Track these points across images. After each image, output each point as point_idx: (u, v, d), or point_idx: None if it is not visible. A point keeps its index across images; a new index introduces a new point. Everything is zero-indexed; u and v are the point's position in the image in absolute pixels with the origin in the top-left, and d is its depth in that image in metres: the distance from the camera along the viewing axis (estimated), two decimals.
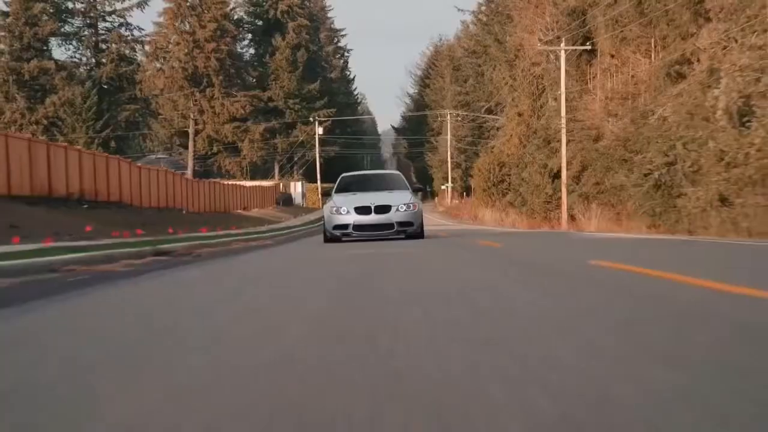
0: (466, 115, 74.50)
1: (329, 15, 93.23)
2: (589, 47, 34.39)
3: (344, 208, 16.27)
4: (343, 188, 17.80)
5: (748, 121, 16.06)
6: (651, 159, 20.36)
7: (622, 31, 32.36)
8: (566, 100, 36.39)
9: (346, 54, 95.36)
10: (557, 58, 37.34)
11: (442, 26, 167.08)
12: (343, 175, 19.18)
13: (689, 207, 17.52)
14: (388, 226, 16.11)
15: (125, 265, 8.80)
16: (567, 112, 35.68)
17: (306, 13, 79.06)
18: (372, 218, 16.11)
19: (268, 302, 4.83)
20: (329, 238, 16.51)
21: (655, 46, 30.74)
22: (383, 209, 16.18)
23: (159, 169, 35.45)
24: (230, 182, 57.55)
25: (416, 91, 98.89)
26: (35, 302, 5.11)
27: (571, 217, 30.78)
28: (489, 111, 68.25)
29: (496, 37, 58.27)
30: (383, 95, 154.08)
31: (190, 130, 74.76)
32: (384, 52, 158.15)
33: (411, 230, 16.35)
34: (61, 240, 11.83)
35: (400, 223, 16.22)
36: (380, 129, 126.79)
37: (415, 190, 18.03)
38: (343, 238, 16.44)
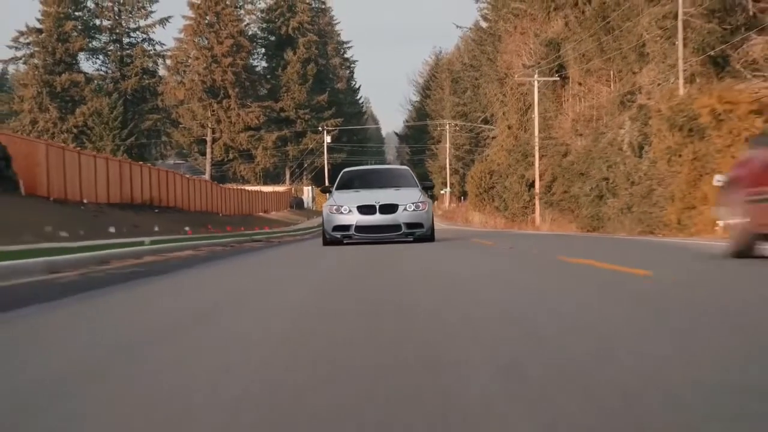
0: (464, 124, 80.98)
1: (336, 28, 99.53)
2: (557, 78, 40.95)
3: (346, 207, 14.91)
4: (345, 185, 16.37)
5: (645, 152, 22.51)
6: (593, 175, 26.84)
7: (587, 64, 38.88)
8: (544, 119, 42.76)
9: (351, 65, 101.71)
10: (538, 82, 43.84)
11: (447, 28, 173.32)
12: (345, 170, 17.89)
13: (609, 213, 23.93)
14: (394, 227, 14.84)
15: (238, 246, 15.69)
16: (544, 130, 42.10)
17: (315, 30, 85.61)
18: (377, 218, 14.82)
19: (358, 255, 11.18)
20: (329, 241, 15.10)
21: (613, 78, 37.26)
22: (389, 209, 14.88)
23: (200, 179, 42.31)
24: (252, 188, 64.16)
25: (418, 99, 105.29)
26: (218, 260, 11.44)
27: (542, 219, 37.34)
28: (485, 121, 74.63)
29: (488, 57, 64.78)
30: (387, 96, 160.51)
31: (208, 138, 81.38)
32: (388, 54, 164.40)
33: (420, 233, 15.08)
34: (170, 234, 18.42)
35: (408, 225, 14.92)
36: (384, 132, 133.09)
37: (424, 188, 16.48)
38: (345, 241, 15.16)
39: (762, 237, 7.85)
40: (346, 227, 14.93)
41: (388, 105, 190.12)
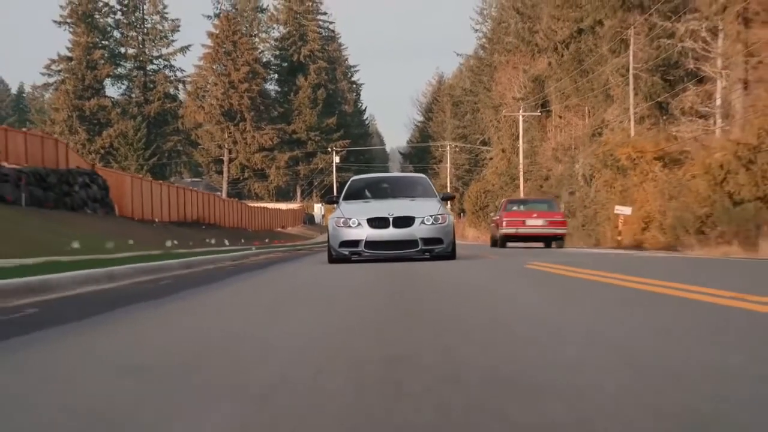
0: (464, 146, 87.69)
1: (344, 53, 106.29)
2: (539, 114, 47.66)
3: (354, 220, 13.53)
4: (354, 194, 15.01)
5: (593, 182, 29.22)
6: (562, 198, 33.46)
7: (566, 101, 45.55)
8: (531, 146, 49.35)
9: (358, 88, 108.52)
10: (526, 111, 50.57)
11: (451, 44, 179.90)
12: (354, 177, 16.41)
13: (569, 230, 30.53)
14: (410, 243, 13.38)
15: (294, 252, 22.24)
16: (530, 156, 48.72)
17: (325, 56, 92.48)
18: (390, 233, 13.36)
19: None
20: (335, 258, 13.70)
21: (587, 114, 43.92)
22: (404, 222, 13.42)
23: (232, 200, 49.09)
24: (271, 206, 70.97)
25: (421, 120, 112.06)
26: (278, 264, 17.72)
27: None
28: (483, 143, 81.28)
29: (484, 86, 71.56)
30: (391, 113, 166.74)
31: (225, 158, 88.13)
32: (393, 71, 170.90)
33: (440, 249, 13.50)
34: (222, 245, 25.04)
35: (426, 240, 13.43)
36: (388, 148, 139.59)
37: (444, 199, 14.91)
38: (353, 258, 13.74)
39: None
40: (355, 243, 13.42)
41: (393, 121, 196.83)
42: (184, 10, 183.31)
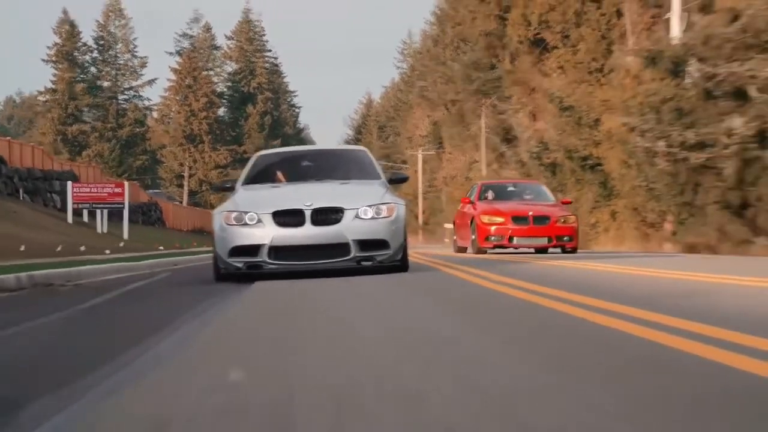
0: (387, 164, 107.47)
1: (285, 80, 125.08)
2: (433, 152, 67.49)
3: (252, 215, 8.93)
4: (258, 177, 10.27)
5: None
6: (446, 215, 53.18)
7: (452, 142, 65.43)
8: (432, 171, 69.00)
9: (297, 110, 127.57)
10: (430, 146, 70.41)
11: (387, 56, 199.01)
12: (261, 152, 11.82)
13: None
14: (338, 248, 8.91)
15: None
16: (431, 179, 68.45)
17: (271, 88, 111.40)
18: (307, 233, 8.86)
19: None
20: (223, 274, 9.19)
21: (466, 153, 63.75)
22: (330, 216, 8.96)
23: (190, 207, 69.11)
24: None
25: (353, 136, 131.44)
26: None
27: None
28: (404, 162, 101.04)
29: (402, 119, 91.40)
30: (328, 128, 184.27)
31: (186, 174, 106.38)
32: (329, 87, 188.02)
33: (384, 257, 9.09)
34: None
35: (363, 244, 8.98)
36: None
37: (393, 181, 10.54)
38: (252, 271, 9.06)
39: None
40: (254, 249, 8.89)
41: (328, 138, 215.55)
42: (150, 46, 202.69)
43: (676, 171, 17.06)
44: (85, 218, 38.32)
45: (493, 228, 17.64)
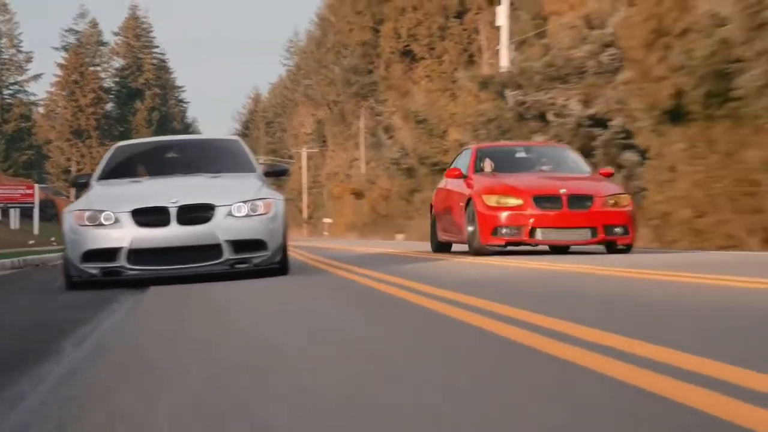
0: (274, 159, 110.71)
1: (173, 75, 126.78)
2: (317, 149, 71.42)
3: (109, 214, 7.88)
4: (116, 171, 9.13)
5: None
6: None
7: (335, 141, 69.35)
8: (317, 167, 72.82)
9: (185, 106, 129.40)
10: (314, 143, 74.23)
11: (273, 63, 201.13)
12: (120, 144, 10.25)
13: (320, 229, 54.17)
14: (208, 250, 7.94)
15: None
16: (316, 175, 72.33)
17: (159, 84, 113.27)
18: (172, 234, 7.89)
19: None
20: (75, 283, 8.09)
21: (348, 150, 67.77)
22: (198, 214, 7.98)
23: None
24: None
25: (241, 131, 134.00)
26: None
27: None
28: (290, 157, 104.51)
29: (288, 115, 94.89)
30: (215, 114, 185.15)
31: (73, 169, 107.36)
32: (216, 76, 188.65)
33: (261, 259, 8.13)
34: None
35: (237, 244, 8.00)
36: None
37: (270, 174, 9.56)
38: (109, 278, 8.12)
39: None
40: (111, 253, 7.83)
41: (216, 131, 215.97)
42: (35, 41, 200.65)
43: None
44: None
45: (504, 215, 11.33)
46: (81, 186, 9.49)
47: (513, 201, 11.51)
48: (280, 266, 8.51)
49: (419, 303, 5.28)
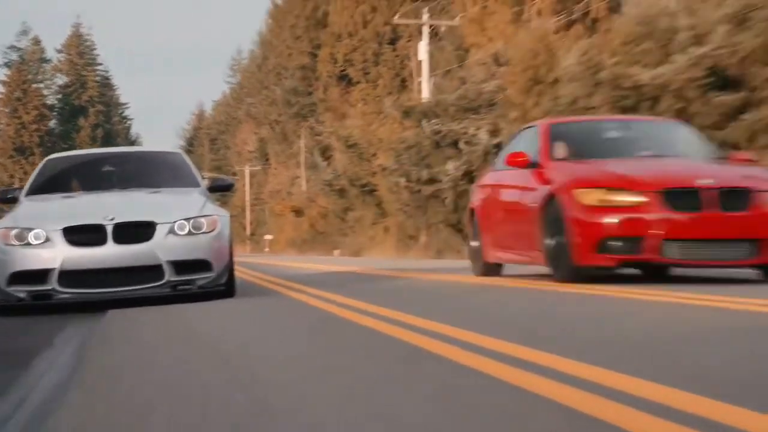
0: (218, 176, 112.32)
1: (117, 92, 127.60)
2: (260, 167, 73.33)
3: (39, 232, 7.29)
4: (47, 185, 8.60)
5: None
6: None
7: (278, 158, 71.31)
8: (260, 185, 74.78)
9: (128, 123, 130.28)
10: (257, 161, 76.11)
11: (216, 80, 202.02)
12: (51, 156, 9.60)
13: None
14: (147, 271, 7.37)
15: None
16: (259, 192, 74.24)
17: (103, 101, 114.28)
18: (108, 254, 7.29)
19: None
20: (0, 308, 7.50)
21: (291, 168, 69.82)
22: (137, 232, 7.40)
23: None
24: None
25: (186, 148, 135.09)
26: None
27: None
28: (234, 174, 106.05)
29: (231, 133, 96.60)
30: (159, 131, 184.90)
31: (16, 186, 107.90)
32: (161, 92, 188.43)
33: (205, 280, 7.58)
34: None
35: (179, 265, 7.42)
36: None
37: (215, 189, 8.89)
38: (39, 302, 7.67)
39: None
40: (40, 275, 7.25)
41: (161, 147, 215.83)
42: None
43: (415, 199, 23.62)
44: None
45: (614, 219, 7.52)
46: (8, 201, 8.80)
47: (629, 198, 7.56)
48: (225, 288, 7.83)
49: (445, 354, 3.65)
